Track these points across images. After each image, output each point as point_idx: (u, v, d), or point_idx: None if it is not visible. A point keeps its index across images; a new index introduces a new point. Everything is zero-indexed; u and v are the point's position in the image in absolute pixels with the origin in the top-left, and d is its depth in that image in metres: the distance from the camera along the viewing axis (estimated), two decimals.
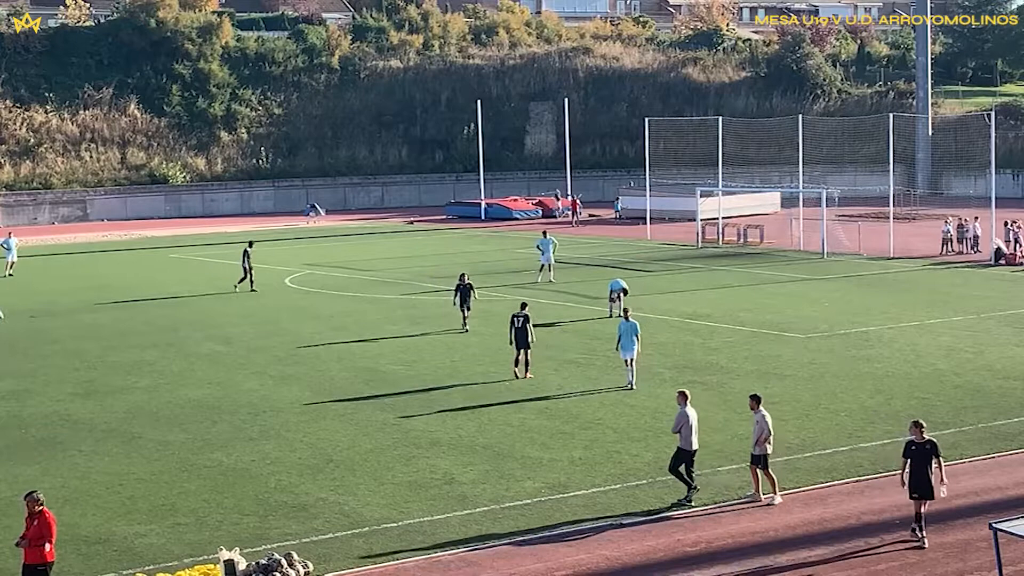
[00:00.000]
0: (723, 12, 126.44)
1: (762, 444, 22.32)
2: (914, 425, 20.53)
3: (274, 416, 29.41)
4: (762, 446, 22.33)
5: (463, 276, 40.52)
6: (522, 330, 32.78)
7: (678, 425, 22.63)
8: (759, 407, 22.50)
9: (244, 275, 50.49)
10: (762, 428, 22.31)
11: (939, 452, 20.34)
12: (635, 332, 31.10)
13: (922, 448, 20.23)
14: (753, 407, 22.61)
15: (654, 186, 74.23)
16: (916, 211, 78.80)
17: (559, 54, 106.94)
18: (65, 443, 27.43)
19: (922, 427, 20.40)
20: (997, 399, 29.68)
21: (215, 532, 21.35)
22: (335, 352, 37.22)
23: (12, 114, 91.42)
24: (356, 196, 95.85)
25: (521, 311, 33.31)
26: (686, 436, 22.50)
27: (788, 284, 50.62)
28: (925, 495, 20.26)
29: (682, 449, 22.53)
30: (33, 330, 42.58)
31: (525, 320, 32.89)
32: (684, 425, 22.54)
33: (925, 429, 20.43)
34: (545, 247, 51.91)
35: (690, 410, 22.67)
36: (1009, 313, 41.88)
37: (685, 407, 22.69)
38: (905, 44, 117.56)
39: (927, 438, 20.33)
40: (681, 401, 22.93)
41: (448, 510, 22.30)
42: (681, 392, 23.30)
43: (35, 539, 17.74)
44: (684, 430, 22.53)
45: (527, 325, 32.81)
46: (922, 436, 20.27)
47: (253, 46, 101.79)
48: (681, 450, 22.54)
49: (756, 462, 22.45)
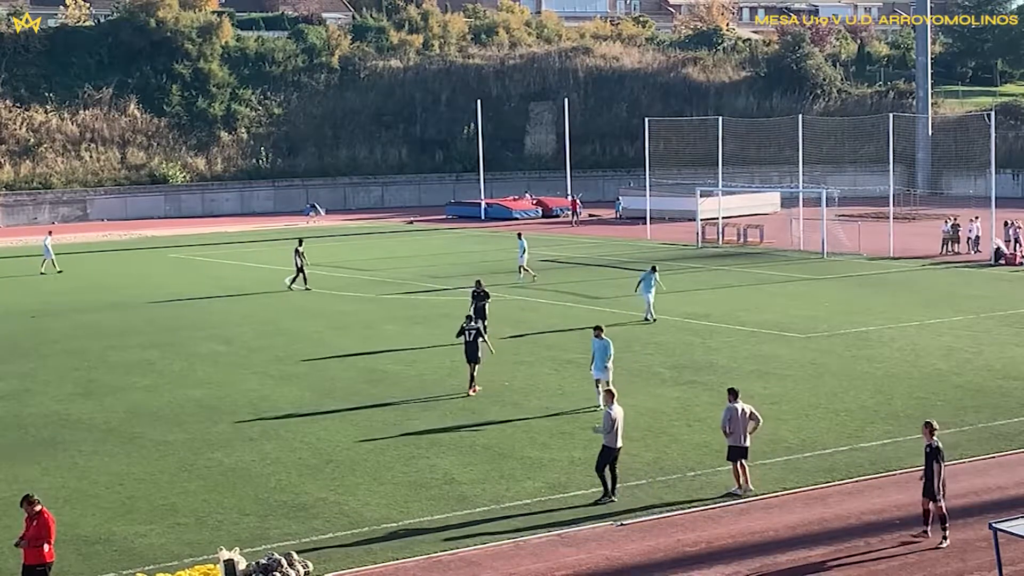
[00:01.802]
0: (723, 12, 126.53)
1: (736, 437, 22.81)
2: (926, 426, 20.72)
3: (274, 416, 29.41)
4: (737, 439, 22.82)
5: (479, 283, 38.91)
6: (472, 344, 30.98)
7: (610, 427, 22.67)
8: (735, 400, 23.02)
9: (297, 273, 50.46)
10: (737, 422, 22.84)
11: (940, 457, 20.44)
12: (608, 351, 29.15)
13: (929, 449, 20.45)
14: (730, 400, 23.14)
15: (654, 186, 74.23)
16: (916, 211, 78.83)
17: (559, 54, 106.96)
18: (65, 443, 27.42)
19: (933, 429, 20.58)
20: (997, 399, 29.68)
21: (215, 532, 21.34)
22: (335, 352, 37.20)
23: (12, 114, 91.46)
24: (356, 196, 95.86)
25: (470, 324, 31.56)
26: (612, 435, 22.66)
27: (788, 284, 50.63)
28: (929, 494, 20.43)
29: (607, 447, 22.69)
30: (33, 330, 42.58)
31: (477, 333, 31.15)
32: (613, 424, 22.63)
33: (936, 431, 20.61)
34: (521, 249, 51.24)
35: (617, 409, 22.81)
36: (1009, 313, 41.88)
37: (612, 407, 22.83)
38: (905, 44, 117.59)
39: (932, 440, 20.46)
40: (608, 401, 23.12)
41: (448, 510, 22.29)
42: (608, 391, 23.51)
43: (34, 539, 17.76)
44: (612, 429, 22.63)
45: (479, 339, 31.05)
46: (931, 438, 20.47)
47: (253, 46, 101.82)
48: (606, 448, 22.69)
49: (734, 455, 23.01)
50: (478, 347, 31.00)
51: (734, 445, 22.90)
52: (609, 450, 22.69)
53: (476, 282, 39.11)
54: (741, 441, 22.83)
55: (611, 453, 22.69)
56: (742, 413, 22.86)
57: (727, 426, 22.89)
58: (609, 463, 22.67)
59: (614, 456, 22.70)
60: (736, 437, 22.84)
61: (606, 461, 22.69)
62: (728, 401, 23.15)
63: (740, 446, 22.86)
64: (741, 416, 22.84)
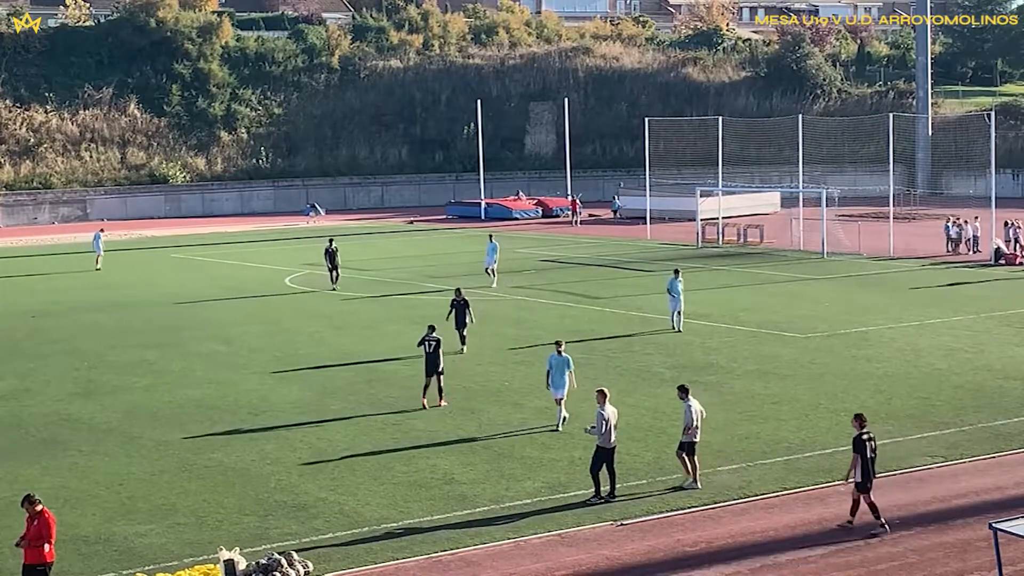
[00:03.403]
0: (723, 12, 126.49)
1: (691, 432, 23.07)
2: (856, 418, 21.11)
3: (274, 416, 29.41)
4: (687, 434, 23.09)
5: (458, 291, 37.43)
6: (433, 355, 29.73)
7: (601, 427, 22.75)
8: (687, 397, 23.31)
9: (332, 272, 50.37)
10: (690, 417, 23.12)
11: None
12: (568, 367, 27.66)
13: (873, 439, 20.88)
14: (681, 397, 23.46)
15: (654, 186, 74.23)
16: (916, 211, 78.82)
17: (559, 54, 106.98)
18: (65, 443, 27.42)
19: (863, 420, 21.03)
20: (997, 399, 29.67)
21: (215, 532, 21.34)
22: (335, 352, 37.20)
23: (12, 114, 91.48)
24: (356, 196, 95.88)
25: (430, 334, 30.02)
26: (606, 434, 22.71)
27: (788, 284, 50.62)
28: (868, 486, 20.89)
29: (601, 447, 22.70)
30: (33, 330, 42.58)
31: (438, 344, 29.88)
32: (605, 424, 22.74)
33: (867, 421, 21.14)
34: (490, 251, 50.36)
35: (609, 409, 22.88)
36: (1009, 313, 41.88)
37: (604, 407, 22.87)
38: (905, 44, 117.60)
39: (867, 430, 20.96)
40: (600, 401, 23.11)
41: (448, 510, 22.29)
42: (600, 391, 23.49)
43: (34, 539, 17.76)
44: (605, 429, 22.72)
45: (439, 349, 29.79)
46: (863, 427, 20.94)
47: (253, 46, 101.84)
48: (600, 448, 22.70)
49: (683, 449, 23.20)
50: (439, 358, 29.76)
51: (688, 441, 23.16)
52: (603, 450, 22.70)
53: (456, 291, 37.66)
54: (695, 436, 23.20)
55: (605, 453, 22.70)
56: (697, 410, 23.27)
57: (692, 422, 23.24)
58: (606, 463, 22.67)
59: (609, 456, 22.70)
60: (691, 433, 23.21)
61: (601, 461, 22.68)
62: (683, 399, 23.39)
63: (693, 441, 23.17)
64: (696, 413, 23.27)
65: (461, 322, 36.24)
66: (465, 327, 36.26)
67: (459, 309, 36.45)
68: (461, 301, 36.54)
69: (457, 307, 36.51)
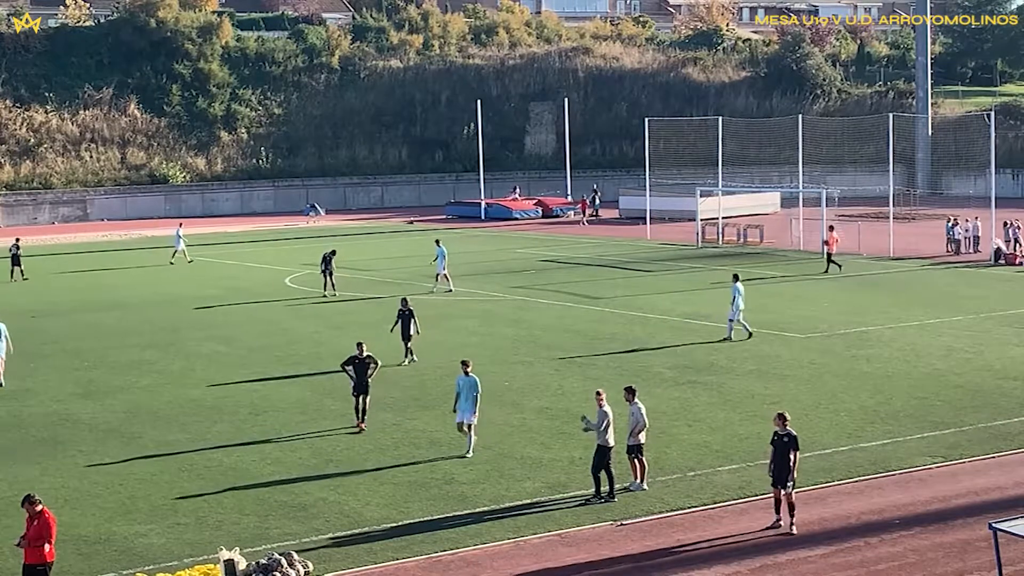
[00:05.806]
0: (723, 12, 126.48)
1: (636, 435, 23.09)
2: (778, 417, 21.24)
3: (274, 416, 29.41)
4: (636, 437, 23.09)
5: (405, 301, 36.03)
6: (363, 375, 28.15)
7: (601, 423, 22.80)
8: (634, 399, 23.34)
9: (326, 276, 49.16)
10: (637, 420, 23.15)
11: (797, 446, 21.03)
12: (475, 390, 25.51)
13: (782, 439, 20.94)
14: (628, 399, 23.44)
15: (654, 186, 74.22)
16: (916, 211, 78.82)
17: (559, 54, 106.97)
18: (65, 443, 27.42)
19: (785, 419, 21.13)
20: (997, 399, 29.67)
21: (215, 532, 21.34)
22: (335, 352, 37.09)
23: (12, 114, 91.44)
24: (356, 196, 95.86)
25: (361, 354, 28.33)
26: (603, 434, 22.74)
27: (788, 284, 50.62)
28: (781, 482, 20.93)
29: (601, 447, 22.75)
30: (33, 330, 42.56)
31: (369, 361, 28.32)
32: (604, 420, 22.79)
33: (788, 421, 21.17)
34: (439, 256, 49.42)
35: (609, 408, 22.92)
36: (1009, 313, 41.88)
37: (604, 405, 22.92)
38: (905, 44, 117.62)
39: (789, 430, 20.99)
40: (599, 400, 23.17)
41: (448, 510, 22.29)
42: (598, 392, 23.55)
43: (35, 539, 17.76)
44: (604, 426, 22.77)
45: (370, 366, 28.26)
46: (784, 427, 21.01)
47: (253, 46, 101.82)
48: (600, 447, 22.75)
49: (631, 452, 23.20)
50: (367, 379, 28.11)
51: (635, 443, 23.15)
52: (604, 449, 22.71)
53: (402, 300, 36.28)
54: (642, 438, 23.23)
55: (606, 453, 22.70)
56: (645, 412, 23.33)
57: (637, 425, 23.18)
58: (605, 463, 22.66)
59: (609, 455, 22.69)
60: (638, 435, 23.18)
61: (602, 461, 22.69)
62: (630, 401, 23.33)
63: (639, 443, 23.17)
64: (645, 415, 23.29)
65: (406, 333, 35.12)
66: (410, 339, 35.09)
67: (404, 319, 35.23)
68: (407, 311, 35.27)
69: (403, 317, 35.27)
